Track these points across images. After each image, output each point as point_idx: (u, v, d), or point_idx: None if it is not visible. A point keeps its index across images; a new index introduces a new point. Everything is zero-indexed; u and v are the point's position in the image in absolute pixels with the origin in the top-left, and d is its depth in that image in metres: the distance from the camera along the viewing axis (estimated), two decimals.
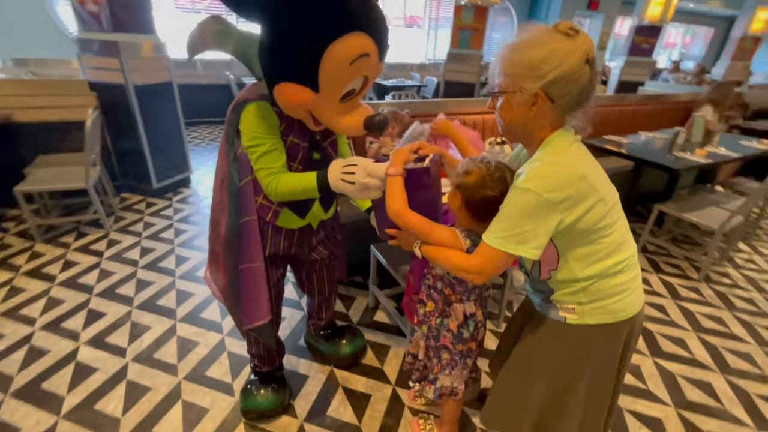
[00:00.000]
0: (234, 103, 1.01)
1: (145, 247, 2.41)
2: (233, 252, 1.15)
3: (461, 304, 1.03)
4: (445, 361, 1.11)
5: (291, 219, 1.15)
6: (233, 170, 1.07)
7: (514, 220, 0.77)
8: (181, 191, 3.27)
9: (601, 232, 0.80)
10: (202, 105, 5.49)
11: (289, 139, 1.02)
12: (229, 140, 1.05)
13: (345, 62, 0.83)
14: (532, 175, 0.76)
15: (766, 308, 2.16)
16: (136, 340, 1.70)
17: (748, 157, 2.66)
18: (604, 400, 0.96)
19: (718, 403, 1.55)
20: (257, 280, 1.14)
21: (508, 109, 0.82)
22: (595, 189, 0.77)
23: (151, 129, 2.95)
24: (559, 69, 0.73)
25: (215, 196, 1.19)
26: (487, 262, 0.81)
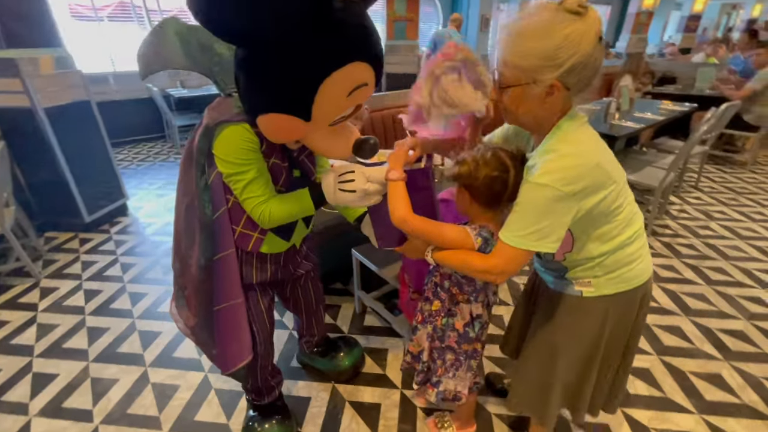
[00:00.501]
0: (204, 127, 0.87)
1: (89, 290, 2.11)
2: (206, 291, 1.02)
3: (468, 305, 1.00)
4: (449, 362, 1.08)
5: (276, 244, 1.06)
6: (205, 199, 0.93)
7: (532, 217, 0.75)
8: (119, 221, 2.92)
9: (614, 213, 0.81)
10: (124, 123, 4.95)
11: (271, 160, 0.92)
12: (199, 168, 0.91)
13: (344, 93, 0.76)
14: (548, 168, 0.73)
15: (705, 251, 2.42)
16: (102, 398, 1.48)
17: (672, 118, 2.96)
18: (615, 359, 1.00)
19: (691, 344, 1.70)
20: (237, 319, 1.05)
21: (519, 102, 0.77)
22: (608, 175, 0.76)
23: (72, 156, 2.58)
24: (576, 55, 0.68)
25: (179, 222, 1.04)
26: (508, 261, 0.78)
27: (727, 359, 1.62)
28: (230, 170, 0.87)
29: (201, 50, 0.89)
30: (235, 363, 1.09)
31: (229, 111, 0.86)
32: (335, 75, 0.71)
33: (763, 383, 1.51)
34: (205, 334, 1.09)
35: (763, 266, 2.26)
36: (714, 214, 2.92)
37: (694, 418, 1.38)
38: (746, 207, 3.04)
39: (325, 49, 0.70)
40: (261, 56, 0.71)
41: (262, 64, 0.72)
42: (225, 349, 1.08)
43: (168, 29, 0.83)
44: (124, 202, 3.04)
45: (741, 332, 1.76)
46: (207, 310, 1.04)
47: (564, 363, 0.97)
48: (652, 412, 1.39)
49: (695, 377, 1.53)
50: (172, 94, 4.76)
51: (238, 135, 0.84)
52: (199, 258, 0.99)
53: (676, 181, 3.29)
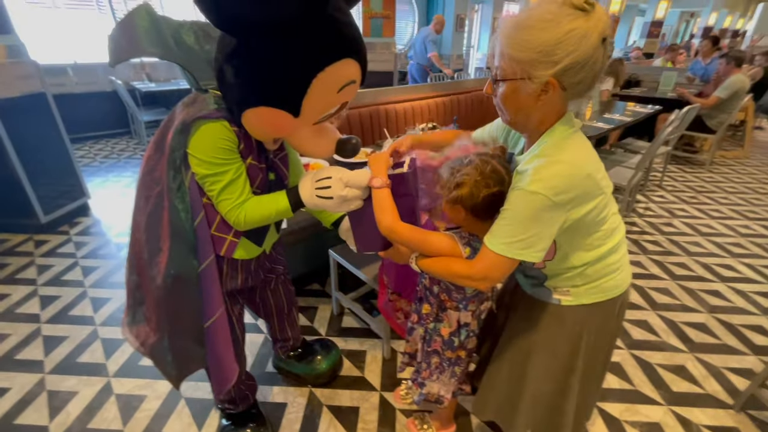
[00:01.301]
0: (181, 123, 0.80)
1: (45, 296, 1.97)
2: (172, 305, 0.95)
3: (457, 312, 0.98)
4: (434, 365, 1.07)
5: (249, 249, 1.01)
6: (178, 204, 0.87)
7: (519, 225, 0.73)
8: (80, 221, 2.75)
9: (600, 223, 0.80)
10: (84, 117, 4.67)
11: (247, 161, 0.87)
12: (173, 167, 0.84)
13: (334, 89, 0.75)
14: (540, 176, 0.70)
15: (669, 247, 2.53)
16: (60, 413, 1.38)
17: (639, 119, 3.08)
18: (599, 374, 1.00)
19: (657, 337, 1.77)
20: (224, 332, 1.00)
21: (513, 98, 0.74)
22: (598, 185, 0.74)
23: (25, 151, 2.40)
24: (574, 54, 0.65)
25: (137, 230, 0.95)
26: (491, 268, 0.76)
27: (691, 351, 1.69)
28: (207, 171, 0.82)
29: (174, 41, 0.83)
30: (230, 380, 1.04)
31: (205, 107, 0.81)
32: (328, 70, 0.71)
33: (724, 373, 1.58)
34: (166, 353, 1.00)
35: (721, 261, 2.38)
36: (676, 211, 3.06)
37: (662, 409, 1.43)
38: (705, 205, 3.20)
39: (321, 44, 0.70)
40: (257, 48, 0.69)
41: (257, 56, 0.70)
42: (222, 366, 1.03)
43: (142, 14, 0.77)
44: (85, 201, 2.86)
45: (703, 325, 1.85)
46: (174, 326, 0.97)
47: (536, 371, 0.95)
48: (623, 405, 1.44)
49: (662, 369, 1.59)
50: (137, 87, 4.53)
51: (217, 132, 0.80)
52: (167, 268, 0.90)
53: (642, 180, 3.42)
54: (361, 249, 1.00)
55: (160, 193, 0.88)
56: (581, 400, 0.99)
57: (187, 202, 0.87)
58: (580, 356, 0.92)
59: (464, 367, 1.08)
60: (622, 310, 0.94)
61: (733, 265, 2.34)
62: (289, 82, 0.72)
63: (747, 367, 1.62)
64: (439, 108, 3.01)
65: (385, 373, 1.55)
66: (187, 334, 1.00)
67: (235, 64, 0.73)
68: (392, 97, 2.76)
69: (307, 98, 0.73)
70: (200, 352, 1.03)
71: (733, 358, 1.66)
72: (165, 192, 0.87)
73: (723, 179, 3.82)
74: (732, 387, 1.52)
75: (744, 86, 3.65)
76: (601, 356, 0.97)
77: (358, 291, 1.85)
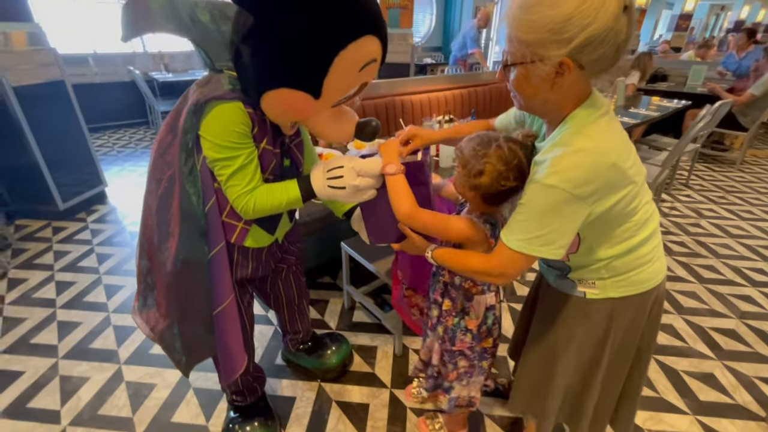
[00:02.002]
0: (194, 104, 0.77)
1: (61, 282, 2.00)
2: (182, 291, 0.93)
3: (483, 296, 0.95)
4: (462, 369, 1.03)
5: (260, 237, 0.99)
6: (189, 188, 0.84)
7: (538, 221, 0.67)
8: (96, 209, 2.78)
9: (629, 214, 0.73)
10: (103, 107, 4.75)
11: (261, 145, 0.84)
12: (186, 150, 0.81)
13: (356, 68, 0.72)
14: (557, 167, 0.64)
15: (696, 249, 2.42)
16: (72, 398, 1.39)
17: (666, 115, 2.94)
18: (622, 373, 0.93)
19: (684, 343, 1.68)
20: (235, 318, 0.98)
21: (525, 83, 0.68)
22: (625, 175, 0.67)
23: (45, 139, 2.43)
24: (590, 28, 0.58)
25: (149, 214, 0.93)
26: (507, 264, 0.73)
27: (719, 358, 1.60)
28: (218, 155, 0.78)
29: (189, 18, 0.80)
30: (238, 368, 1.03)
31: (219, 87, 0.77)
32: (350, 47, 0.68)
33: (755, 383, 1.49)
34: (175, 340, 0.98)
35: (752, 264, 2.26)
36: (704, 212, 2.92)
37: (688, 418, 1.35)
38: (735, 205, 3.05)
39: (342, 20, 0.67)
40: (276, 25, 0.66)
41: (277, 34, 0.66)
42: (230, 354, 1.01)
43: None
44: (102, 189, 2.90)
45: (733, 331, 1.75)
46: (184, 312, 0.95)
47: (564, 365, 0.91)
48: (647, 413, 1.36)
49: (688, 377, 1.51)
50: (155, 77, 4.57)
51: (231, 114, 0.76)
52: (177, 253, 0.87)
53: (667, 179, 3.28)
54: (373, 241, 0.96)
55: (172, 177, 0.85)
56: (602, 398, 0.95)
57: (199, 187, 0.85)
58: (606, 352, 0.87)
59: (491, 360, 1.04)
60: (658, 305, 0.87)
61: (765, 269, 2.22)
62: (310, 61, 0.68)
63: None
64: (457, 100, 2.93)
65: (396, 370, 1.51)
66: (197, 321, 0.98)
67: (253, 44, 0.69)
68: (409, 88, 2.70)
69: (329, 78, 0.70)
70: (210, 339, 1.01)
71: (765, 367, 1.56)
72: (176, 175, 0.84)
73: (755, 179, 3.63)
74: (764, 398, 1.43)
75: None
76: (630, 353, 0.90)
77: (370, 285, 1.81)
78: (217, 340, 1.01)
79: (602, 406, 0.97)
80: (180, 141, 0.81)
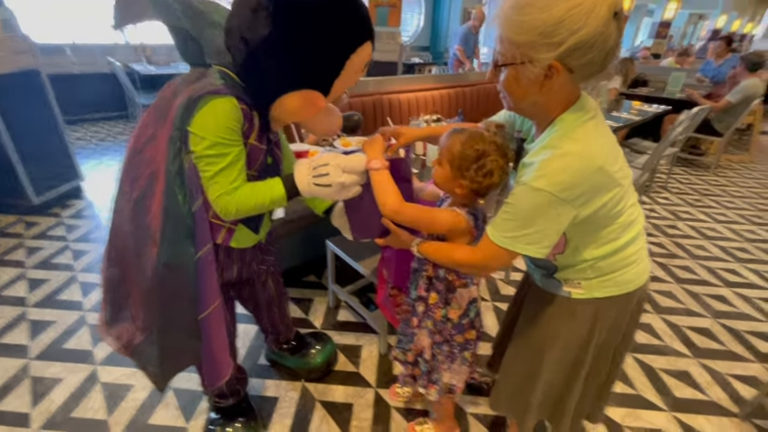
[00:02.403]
0: (186, 100, 0.74)
1: (33, 279, 1.92)
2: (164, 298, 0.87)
3: (466, 289, 0.95)
4: (445, 353, 1.04)
5: (245, 237, 0.96)
6: (175, 187, 0.79)
7: (523, 220, 0.69)
8: (71, 204, 2.69)
9: (614, 216, 0.75)
10: (81, 99, 4.59)
11: (249, 141, 0.82)
12: (174, 147, 0.77)
13: (359, 69, 0.79)
14: (544, 171, 0.65)
15: (673, 250, 2.49)
16: (43, 400, 1.33)
17: (646, 119, 3.02)
18: (603, 370, 0.95)
19: (661, 341, 1.72)
20: (222, 323, 0.94)
21: (514, 84, 0.69)
22: (612, 178, 0.68)
23: (18, 130, 2.33)
24: (580, 33, 0.58)
25: (121, 220, 0.87)
26: (491, 258, 0.75)
27: (695, 356, 1.65)
28: (208, 151, 0.75)
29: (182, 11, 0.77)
30: (224, 375, 1.00)
31: (213, 82, 0.75)
32: (358, 51, 0.75)
33: (728, 380, 1.54)
34: (152, 351, 0.92)
35: (726, 266, 2.34)
36: (681, 214, 3.01)
37: (665, 415, 1.39)
38: (710, 208, 3.16)
39: (354, 27, 0.74)
40: (303, 34, 0.70)
41: (304, 42, 0.71)
42: (216, 361, 0.97)
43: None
44: (78, 183, 2.80)
45: (708, 330, 1.80)
46: (166, 320, 0.89)
47: (548, 365, 0.92)
48: (625, 410, 1.39)
49: (665, 374, 1.55)
50: (136, 70, 4.43)
51: (225, 109, 0.74)
52: (159, 257, 0.82)
53: (647, 182, 3.37)
54: (357, 236, 0.96)
55: (152, 175, 0.81)
56: (584, 394, 0.96)
57: (186, 186, 0.80)
58: (590, 351, 0.89)
59: (474, 351, 1.05)
60: (640, 305, 0.90)
61: (738, 270, 2.30)
62: (329, 64, 0.75)
63: (752, 374, 1.58)
64: (444, 100, 2.94)
65: (381, 369, 1.51)
66: (180, 329, 0.91)
67: (276, 50, 0.71)
68: (396, 87, 2.70)
69: (339, 79, 0.76)
70: (193, 346, 0.95)
71: (738, 365, 1.62)
72: (160, 174, 0.80)
73: (728, 183, 3.77)
74: (737, 394, 1.48)
75: (757, 91, 3.58)
76: (610, 351, 0.92)
77: (355, 284, 1.79)
78: (202, 346, 0.96)
79: (582, 403, 0.98)
80: (169, 137, 0.77)
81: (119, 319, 0.95)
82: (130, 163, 0.84)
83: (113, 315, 0.96)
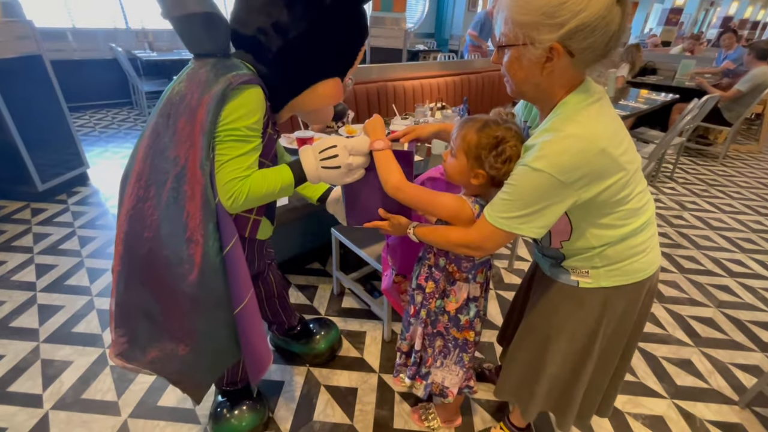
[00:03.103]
0: (224, 87, 0.72)
1: (41, 264, 1.94)
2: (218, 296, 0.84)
3: (466, 284, 0.94)
4: (437, 349, 1.03)
5: (267, 229, 0.99)
6: (208, 181, 0.77)
7: (520, 201, 0.69)
8: (78, 191, 2.70)
9: (620, 203, 0.74)
10: (84, 85, 4.58)
11: (267, 131, 0.85)
12: (209, 142, 0.75)
13: (360, 58, 0.88)
14: (546, 152, 0.65)
15: (678, 240, 2.48)
16: (54, 381, 1.36)
17: (654, 108, 2.97)
18: (612, 362, 0.95)
19: (664, 330, 1.73)
20: (256, 316, 0.94)
21: (517, 66, 0.69)
22: (615, 162, 0.67)
23: (22, 116, 2.34)
24: (581, 15, 0.59)
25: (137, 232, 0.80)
26: (486, 238, 0.75)
27: (697, 345, 1.66)
28: (234, 134, 0.75)
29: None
30: (266, 365, 1.00)
31: (243, 72, 0.76)
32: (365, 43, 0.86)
33: (730, 369, 1.55)
34: (199, 359, 0.89)
35: (731, 256, 2.33)
36: (687, 204, 2.99)
37: (666, 402, 1.40)
38: (717, 199, 3.13)
39: (364, 21, 0.83)
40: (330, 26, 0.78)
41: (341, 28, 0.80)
42: (257, 352, 0.96)
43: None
44: (83, 170, 2.81)
45: (710, 319, 1.81)
46: (211, 323, 0.86)
47: (555, 354, 0.92)
48: (626, 397, 1.41)
49: (667, 362, 1.56)
50: (139, 56, 4.40)
51: (260, 99, 0.78)
52: (204, 258, 0.78)
53: (653, 171, 3.35)
54: (351, 222, 0.97)
55: (179, 175, 0.76)
56: (592, 385, 0.96)
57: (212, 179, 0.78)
58: (597, 341, 0.89)
59: (471, 355, 1.04)
60: (649, 296, 0.88)
61: (744, 261, 2.29)
62: (350, 55, 0.84)
63: (754, 363, 1.58)
64: (449, 87, 2.91)
65: (385, 355, 1.53)
66: (222, 327, 0.89)
67: (313, 37, 0.77)
68: (400, 74, 2.67)
69: (352, 67, 0.86)
70: (231, 345, 0.94)
71: (740, 354, 1.63)
72: (193, 170, 0.75)
73: (736, 173, 3.73)
74: (738, 383, 1.49)
75: (767, 80, 3.52)
76: (621, 343, 0.92)
77: (359, 271, 1.81)
78: (242, 342, 0.94)
79: (591, 396, 0.98)
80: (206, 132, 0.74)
81: (152, 343, 0.88)
82: (152, 167, 0.79)
83: (143, 344, 0.89)
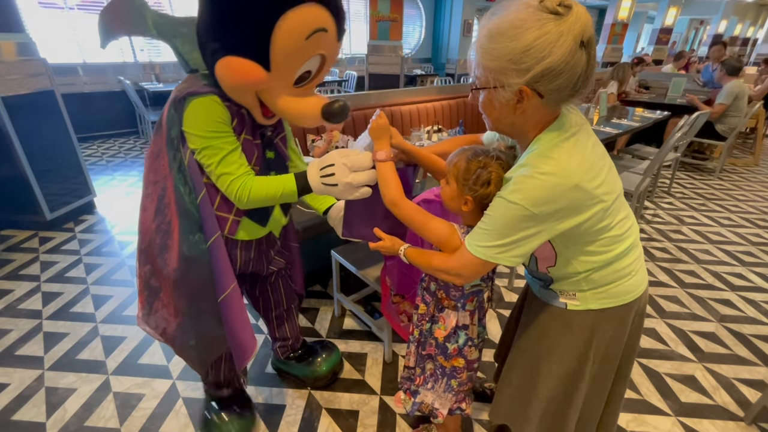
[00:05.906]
0: (173, 100, 0.82)
1: (48, 293, 1.97)
2: (190, 284, 0.97)
3: (455, 312, 0.95)
4: (428, 372, 1.04)
5: (252, 229, 1.01)
6: (180, 184, 0.89)
7: (497, 232, 0.72)
8: (84, 219, 2.76)
9: (602, 231, 0.75)
10: (93, 117, 4.74)
11: (241, 136, 0.88)
12: (172, 147, 0.86)
13: (301, 35, 0.73)
14: (519, 186, 0.68)
15: (677, 254, 2.49)
16: (58, 410, 1.37)
17: (647, 125, 3.04)
18: (606, 385, 0.95)
19: (666, 346, 1.72)
20: (239, 304, 1.02)
21: (490, 106, 0.73)
22: (590, 195, 0.69)
23: (33, 149, 2.43)
24: (546, 61, 0.61)
25: (147, 217, 0.98)
26: (465, 266, 0.78)
27: (700, 361, 1.65)
28: (202, 144, 0.82)
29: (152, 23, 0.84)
30: (251, 351, 1.06)
31: (196, 84, 0.82)
32: (289, 15, 0.69)
33: (734, 384, 1.54)
34: (189, 338, 1.04)
35: (731, 269, 2.33)
36: (685, 218, 3.01)
37: (670, 419, 1.39)
38: (715, 212, 3.15)
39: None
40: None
41: (221, 4, 0.71)
42: (240, 339, 1.04)
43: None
44: (90, 199, 2.88)
45: (713, 334, 1.80)
46: (193, 307, 1.00)
47: (546, 377, 0.92)
48: (630, 415, 1.40)
49: (671, 379, 1.55)
50: (146, 87, 4.58)
51: (207, 106, 0.80)
52: (180, 249, 0.93)
53: (650, 187, 3.38)
54: (346, 234, 1.01)
55: (166, 176, 0.91)
56: (587, 409, 0.95)
57: (189, 182, 0.89)
58: (588, 364, 0.89)
59: (463, 381, 1.02)
60: (639, 317, 0.89)
61: (744, 274, 2.29)
62: (251, 24, 0.70)
63: (758, 378, 1.57)
64: (445, 111, 3.00)
65: (386, 376, 1.53)
66: (207, 313, 1.01)
67: (203, 12, 0.74)
68: (398, 99, 2.76)
69: (273, 47, 0.72)
70: (221, 333, 1.04)
71: (744, 368, 1.61)
72: (168, 174, 0.90)
73: (733, 187, 3.76)
74: (743, 398, 1.47)
75: (743, 89, 3.64)
76: (613, 366, 0.92)
77: (360, 293, 1.82)
78: (225, 328, 1.03)
79: (587, 418, 0.97)
80: (165, 137, 0.87)
81: (155, 310, 1.05)
82: (149, 169, 0.95)
83: (150, 308, 1.06)
